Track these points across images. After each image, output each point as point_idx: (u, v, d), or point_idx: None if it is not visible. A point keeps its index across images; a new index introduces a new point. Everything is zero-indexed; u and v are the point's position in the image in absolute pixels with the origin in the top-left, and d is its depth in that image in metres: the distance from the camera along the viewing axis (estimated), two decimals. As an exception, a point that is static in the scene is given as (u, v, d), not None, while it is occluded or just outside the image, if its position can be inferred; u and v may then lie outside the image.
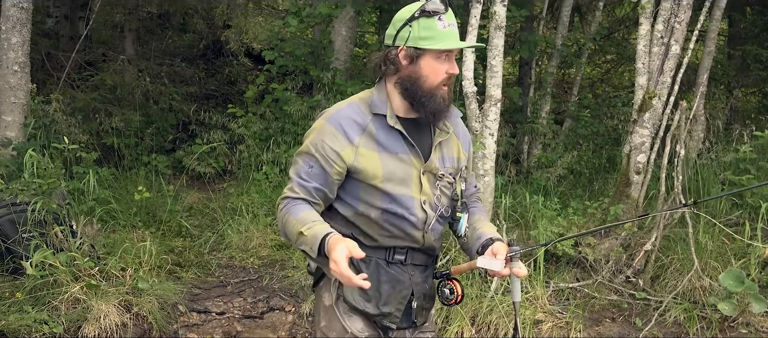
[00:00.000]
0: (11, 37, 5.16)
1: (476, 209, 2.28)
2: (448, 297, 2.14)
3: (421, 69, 1.98)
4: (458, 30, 2.05)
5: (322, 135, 2.01)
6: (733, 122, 7.23)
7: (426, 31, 1.97)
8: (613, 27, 8.92)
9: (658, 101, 4.84)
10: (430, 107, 2.00)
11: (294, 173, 2.05)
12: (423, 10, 1.97)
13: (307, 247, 1.91)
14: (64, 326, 3.75)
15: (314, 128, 2.05)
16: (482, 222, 2.21)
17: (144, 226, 5.10)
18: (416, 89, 1.99)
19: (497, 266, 1.97)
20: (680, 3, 4.75)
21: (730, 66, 8.24)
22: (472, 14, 4.59)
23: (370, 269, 2.04)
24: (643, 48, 4.88)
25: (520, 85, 7.47)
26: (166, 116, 6.88)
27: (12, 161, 4.90)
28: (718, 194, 5.16)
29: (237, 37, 7.14)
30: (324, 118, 2.05)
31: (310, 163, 2.01)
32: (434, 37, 1.96)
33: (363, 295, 2.05)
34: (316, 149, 2.00)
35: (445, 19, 1.97)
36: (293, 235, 1.95)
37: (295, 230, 1.93)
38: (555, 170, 6.20)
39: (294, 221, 1.95)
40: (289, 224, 1.97)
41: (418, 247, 2.09)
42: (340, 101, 2.13)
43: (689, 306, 4.18)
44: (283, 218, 2.00)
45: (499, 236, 2.12)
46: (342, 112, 2.04)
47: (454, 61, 2.03)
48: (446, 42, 1.97)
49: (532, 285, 4.33)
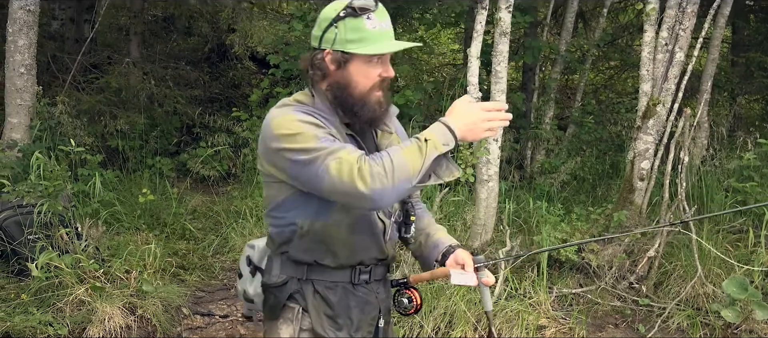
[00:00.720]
0: (18, 39, 5.19)
1: (422, 211, 2.12)
2: (407, 306, 2.01)
3: (351, 75, 1.77)
4: (391, 29, 1.80)
5: (306, 121, 1.72)
6: (737, 129, 7.23)
7: (354, 33, 1.74)
8: (616, 33, 8.94)
9: (662, 107, 4.85)
10: (364, 116, 1.80)
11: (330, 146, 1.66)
12: (349, 8, 1.74)
13: (440, 147, 1.64)
14: (69, 328, 3.76)
15: (285, 120, 1.74)
16: (434, 227, 2.07)
17: (148, 229, 5.12)
18: (346, 97, 1.78)
19: (471, 280, 1.87)
20: (685, 10, 4.76)
21: (734, 73, 8.25)
22: (477, 20, 4.61)
23: (337, 295, 1.88)
24: (647, 55, 4.89)
25: (524, 90, 7.48)
26: (171, 119, 6.90)
27: (17, 163, 4.92)
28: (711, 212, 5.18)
29: (242, 41, 7.15)
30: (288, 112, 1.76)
31: (329, 138, 1.70)
32: (363, 39, 1.74)
33: (333, 324, 1.87)
34: (318, 128, 1.71)
35: (374, 17, 1.75)
36: (417, 157, 1.62)
37: (416, 150, 1.63)
38: (558, 176, 6.21)
39: (404, 150, 1.64)
40: (399, 157, 1.62)
41: (382, 259, 1.93)
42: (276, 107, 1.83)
43: (692, 312, 4.18)
44: (383, 164, 1.61)
45: (456, 242, 2.00)
46: (297, 105, 1.80)
47: (389, 63, 1.82)
48: (377, 45, 1.75)
49: (535, 290, 4.33)
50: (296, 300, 1.86)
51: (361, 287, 1.91)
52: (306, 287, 1.86)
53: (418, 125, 6.14)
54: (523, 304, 4.18)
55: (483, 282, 1.90)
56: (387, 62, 1.81)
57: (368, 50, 1.74)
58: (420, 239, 2.03)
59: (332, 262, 1.85)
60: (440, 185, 5.44)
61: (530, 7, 6.52)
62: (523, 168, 6.86)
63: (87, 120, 6.02)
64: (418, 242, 2.03)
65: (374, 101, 1.79)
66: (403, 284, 2.02)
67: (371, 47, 1.74)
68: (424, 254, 2.03)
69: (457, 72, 7.75)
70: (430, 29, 9.06)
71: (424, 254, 2.02)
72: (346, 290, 1.89)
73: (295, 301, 1.86)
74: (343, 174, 1.62)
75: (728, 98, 7.86)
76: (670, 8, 4.81)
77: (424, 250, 2.03)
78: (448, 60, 11.40)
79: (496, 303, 4.19)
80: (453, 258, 1.93)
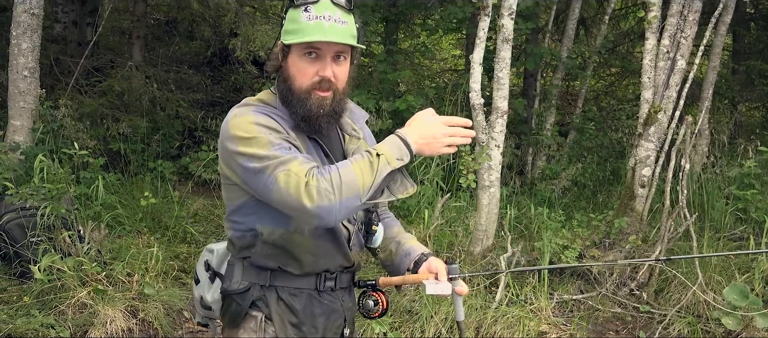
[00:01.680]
0: (21, 42, 5.20)
1: (390, 220, 2.06)
2: (372, 308, 1.92)
3: (289, 68, 1.72)
4: (341, 27, 1.68)
5: (264, 125, 1.66)
6: (737, 137, 7.26)
7: (291, 24, 1.69)
8: (617, 40, 8.97)
9: (664, 115, 4.87)
10: (299, 113, 1.71)
11: (282, 154, 1.60)
12: (291, 0, 1.70)
13: (393, 161, 1.59)
14: (71, 330, 3.77)
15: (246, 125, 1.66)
16: (404, 236, 2.00)
17: (150, 232, 5.12)
18: (286, 91, 1.73)
19: (446, 289, 1.80)
20: (686, 18, 4.79)
21: (735, 81, 8.27)
22: (480, 27, 4.63)
23: (302, 302, 1.80)
24: (649, 62, 4.91)
25: (525, 96, 7.50)
26: (173, 123, 6.91)
27: (20, 166, 4.93)
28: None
29: (244, 45, 7.18)
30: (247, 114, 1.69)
31: (285, 145, 1.63)
32: (297, 31, 1.67)
33: (298, 333, 1.80)
34: (273, 133, 1.64)
35: (312, 9, 1.66)
36: (368, 173, 1.57)
37: (367, 165, 1.58)
38: (559, 182, 6.23)
39: (354, 165, 1.58)
40: (348, 172, 1.57)
41: (347, 267, 1.86)
42: (239, 104, 1.78)
43: (693, 319, 4.19)
44: (331, 179, 1.56)
45: (428, 250, 1.93)
46: (258, 107, 1.73)
47: (328, 62, 1.69)
48: (299, 35, 1.66)
49: (536, 296, 4.34)
50: (259, 308, 1.78)
51: (327, 294, 1.84)
52: (269, 294, 1.78)
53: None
54: (524, 310, 4.19)
55: (457, 292, 1.82)
56: (326, 61, 1.69)
57: (289, 39, 1.68)
58: (390, 247, 1.96)
59: (296, 269, 1.78)
60: (442, 190, 5.45)
61: (532, 13, 6.55)
62: (524, 174, 6.87)
63: (89, 123, 6.02)
64: (389, 250, 1.96)
65: (313, 101, 1.70)
66: (371, 286, 1.93)
67: (295, 36, 1.67)
68: (394, 262, 1.95)
69: (458, 78, 7.77)
70: (432, 35, 9.09)
71: (395, 262, 1.95)
72: (311, 297, 1.82)
73: (258, 309, 1.78)
74: (291, 188, 1.56)
75: (729, 106, 7.89)
76: (671, 16, 4.83)
77: (394, 259, 1.95)
78: (450, 66, 11.42)
79: (497, 308, 4.19)
80: (426, 266, 1.86)
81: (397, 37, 8.38)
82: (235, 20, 7.01)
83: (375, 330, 3.88)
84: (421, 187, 5.48)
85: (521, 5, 5.75)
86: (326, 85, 1.70)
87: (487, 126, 4.68)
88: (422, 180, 5.55)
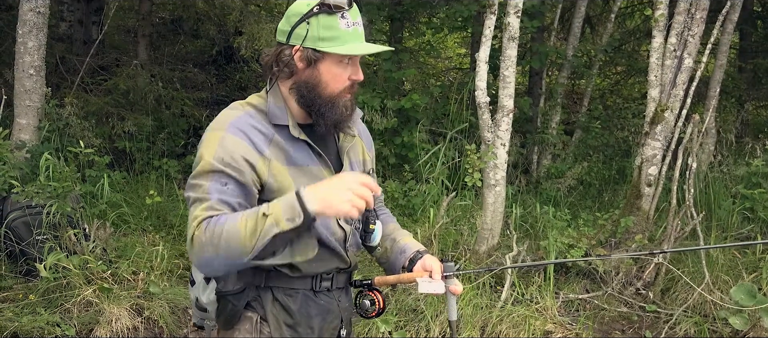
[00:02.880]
0: (27, 41, 5.21)
1: (386, 217, 2.06)
2: (369, 308, 1.91)
3: (321, 74, 1.69)
4: (362, 29, 1.73)
5: (225, 148, 1.62)
6: (744, 136, 7.22)
7: (326, 31, 1.66)
8: (623, 39, 8.93)
9: (671, 113, 4.84)
10: (331, 117, 1.72)
11: (202, 193, 1.59)
12: (323, 5, 1.66)
13: (282, 224, 1.51)
14: (77, 328, 3.77)
15: (210, 141, 1.65)
16: (400, 233, 1.99)
17: (155, 230, 5.13)
18: (315, 97, 1.71)
19: (440, 288, 1.77)
20: (694, 16, 4.76)
21: (742, 79, 8.23)
22: (486, 25, 4.61)
23: (298, 303, 1.78)
24: (655, 61, 4.89)
25: (531, 95, 7.47)
26: (178, 121, 6.91)
27: (26, 164, 4.94)
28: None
29: (249, 44, 7.17)
30: (220, 129, 1.66)
31: (221, 181, 1.61)
32: (336, 38, 1.66)
33: (294, 334, 1.79)
34: (225, 163, 1.61)
35: (349, 16, 1.67)
36: (247, 234, 1.51)
37: (250, 225, 1.52)
38: (565, 181, 6.21)
39: (239, 221, 1.53)
40: (233, 230, 1.52)
41: (344, 268, 1.85)
42: (227, 108, 1.75)
43: (700, 319, 4.16)
44: (219, 234, 1.52)
45: (423, 247, 1.92)
46: (241, 119, 1.69)
47: (359, 65, 1.74)
48: (350, 45, 1.67)
49: (541, 296, 4.33)
50: (254, 309, 1.77)
51: (323, 294, 1.83)
52: (264, 294, 1.77)
53: (424, 129, 6.15)
54: (529, 309, 4.18)
55: (451, 291, 1.80)
56: (357, 64, 1.74)
57: (341, 50, 1.66)
58: (385, 245, 1.95)
59: (291, 272, 1.76)
60: (447, 189, 5.44)
61: (538, 12, 6.52)
62: (530, 173, 6.85)
63: (95, 122, 6.03)
64: (384, 247, 1.95)
65: (342, 104, 1.73)
66: (367, 285, 1.91)
67: (344, 47, 1.66)
68: (390, 260, 1.94)
69: (463, 76, 7.75)
70: (437, 33, 9.07)
71: (390, 260, 1.93)
72: (307, 297, 1.80)
73: (253, 310, 1.77)
74: (188, 231, 1.57)
75: (736, 104, 7.84)
76: (678, 14, 4.80)
77: (390, 256, 1.94)
78: (455, 64, 11.40)
79: (503, 308, 4.18)
80: (421, 264, 1.84)
81: (402, 36, 8.36)
82: (241, 19, 7.00)
83: (380, 329, 3.87)
84: (427, 186, 5.47)
85: (527, 3, 5.74)
86: (354, 87, 1.75)
87: (493, 125, 4.67)
88: (427, 179, 5.54)
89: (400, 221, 5.03)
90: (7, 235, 4.23)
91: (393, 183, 5.53)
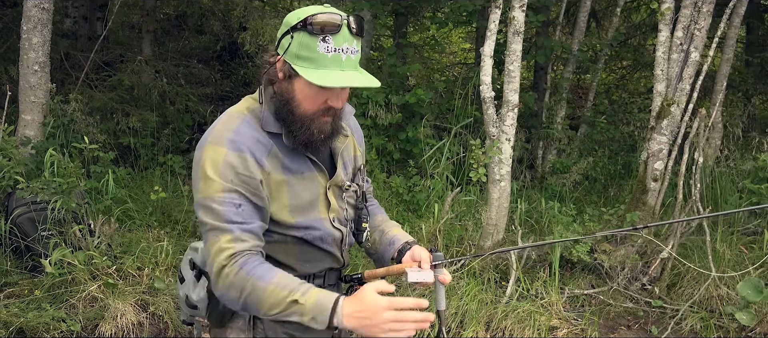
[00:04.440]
0: (32, 37, 5.22)
1: (375, 208, 2.03)
2: None
3: (295, 92, 1.62)
4: (355, 57, 1.60)
5: (230, 166, 1.60)
6: (751, 130, 7.17)
7: (304, 50, 1.57)
8: (629, 33, 8.88)
9: (677, 108, 4.81)
10: (300, 138, 1.65)
11: (219, 221, 1.59)
12: (308, 24, 1.55)
13: (305, 318, 1.53)
14: (82, 324, 3.79)
15: (212, 160, 1.61)
16: (388, 224, 1.96)
17: (160, 226, 5.13)
18: (287, 113, 1.64)
19: (429, 277, 1.75)
20: (700, 10, 4.72)
21: (748, 73, 8.17)
22: (491, 19, 4.59)
23: None
24: (662, 55, 4.85)
25: (536, 90, 7.44)
26: (182, 117, 6.91)
27: (31, 160, 4.95)
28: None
29: (253, 39, 7.16)
30: (219, 144, 1.62)
31: (234, 202, 1.59)
32: (312, 60, 1.56)
33: (287, 333, 1.76)
34: (234, 182, 1.59)
35: (331, 41, 1.55)
36: (274, 305, 1.55)
37: (280, 298, 1.54)
38: (570, 176, 6.18)
39: (271, 288, 1.55)
40: (263, 292, 1.55)
41: (337, 267, 1.85)
42: (224, 116, 1.70)
43: (706, 315, 4.14)
44: (245, 284, 1.56)
45: (412, 238, 1.89)
46: (240, 131, 1.64)
47: (339, 93, 1.63)
48: (322, 73, 1.55)
49: (547, 291, 4.32)
50: None
51: None
52: None
53: (429, 124, 6.13)
54: (534, 305, 4.16)
55: (440, 280, 1.77)
56: (336, 91, 1.62)
57: (310, 77, 1.55)
58: (374, 237, 1.93)
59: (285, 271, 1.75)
60: (452, 184, 5.43)
61: (543, 6, 6.49)
62: (535, 168, 6.83)
63: (99, 118, 6.04)
64: (373, 239, 1.92)
65: (316, 127, 1.64)
66: (357, 280, 1.89)
67: (314, 74, 1.55)
68: (378, 251, 1.91)
69: (468, 71, 7.73)
70: (441, 28, 9.04)
71: (379, 251, 1.91)
72: None
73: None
74: (212, 258, 1.60)
75: (742, 99, 7.79)
76: (685, 8, 4.77)
77: (378, 248, 1.91)
78: (459, 59, 11.37)
79: (508, 303, 4.17)
80: (409, 254, 1.82)
81: (406, 31, 8.34)
82: (244, 14, 6.99)
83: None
84: (431, 181, 5.45)
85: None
86: (332, 111, 1.65)
87: (498, 119, 4.65)
88: (432, 174, 5.52)
89: (405, 216, 5.03)
90: (12, 231, 4.25)
91: (397, 178, 5.52)
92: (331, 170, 1.80)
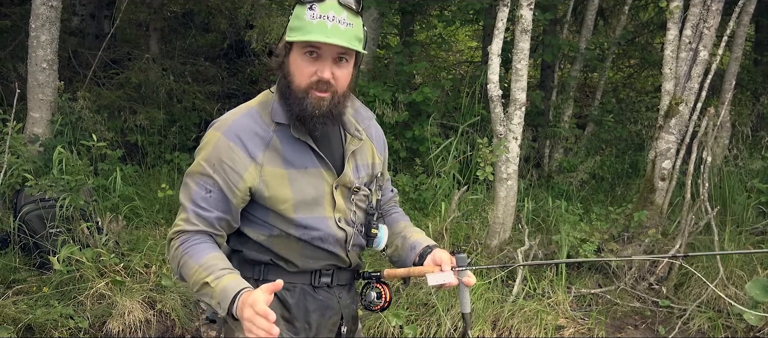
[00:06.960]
0: (40, 35, 5.23)
1: (398, 215, 2.07)
2: (374, 301, 1.90)
3: (290, 65, 1.69)
4: (345, 28, 1.64)
5: (218, 152, 1.69)
6: (760, 129, 7.12)
7: (295, 21, 1.66)
8: (637, 31, 8.84)
9: (685, 106, 4.79)
10: (296, 110, 1.69)
11: (187, 199, 1.71)
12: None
13: (213, 301, 1.60)
14: (90, 321, 3.80)
15: (207, 142, 1.72)
16: (411, 230, 2.00)
17: (167, 223, 5.15)
18: (285, 88, 1.71)
19: (449, 278, 1.77)
20: (709, 8, 4.69)
21: (757, 72, 8.12)
22: (499, 18, 4.57)
23: (295, 297, 1.80)
24: (670, 53, 4.83)
25: (543, 88, 7.42)
26: (190, 115, 6.92)
27: (39, 158, 4.97)
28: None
29: (260, 37, 7.16)
30: (218, 129, 1.72)
31: (206, 186, 1.69)
32: (300, 28, 1.64)
33: (290, 328, 1.79)
34: (214, 168, 1.69)
35: (317, 8, 1.62)
36: (195, 282, 1.65)
37: (199, 278, 1.63)
38: (577, 175, 6.16)
39: (196, 266, 1.65)
40: (190, 269, 1.66)
41: (345, 266, 1.87)
42: (234, 109, 1.79)
43: (714, 315, 4.13)
44: (180, 259, 1.68)
45: (434, 243, 1.93)
46: (239, 122, 1.72)
47: (329, 63, 1.66)
48: (299, 32, 1.63)
49: (553, 290, 4.30)
50: None
51: (322, 290, 1.84)
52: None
53: (436, 122, 6.12)
54: (541, 304, 4.15)
55: (464, 282, 1.79)
56: (325, 62, 1.65)
57: (292, 36, 1.65)
58: (396, 243, 1.96)
59: (288, 267, 1.79)
60: (459, 183, 5.42)
61: (550, 4, 6.46)
62: (542, 167, 6.81)
63: (107, 115, 6.06)
64: (395, 245, 1.96)
65: (310, 102, 1.67)
66: (376, 277, 1.91)
67: (296, 34, 1.64)
68: (401, 257, 1.95)
69: (474, 69, 7.71)
70: (448, 26, 9.02)
71: (402, 257, 1.94)
72: (305, 292, 1.82)
73: None
74: (169, 231, 1.76)
75: (751, 97, 7.75)
76: (694, 6, 4.74)
77: (401, 253, 1.95)
78: (466, 57, 11.35)
79: (514, 302, 4.16)
80: (430, 258, 1.84)
81: (413, 29, 8.32)
82: (251, 12, 6.99)
83: (392, 323, 3.86)
84: (438, 179, 5.44)
85: (539, -4, 5.68)
86: (324, 86, 1.67)
87: (505, 118, 4.64)
88: (439, 173, 5.52)
89: (411, 215, 5.02)
90: (20, 228, 4.27)
91: (404, 177, 5.52)
92: (340, 169, 1.80)
